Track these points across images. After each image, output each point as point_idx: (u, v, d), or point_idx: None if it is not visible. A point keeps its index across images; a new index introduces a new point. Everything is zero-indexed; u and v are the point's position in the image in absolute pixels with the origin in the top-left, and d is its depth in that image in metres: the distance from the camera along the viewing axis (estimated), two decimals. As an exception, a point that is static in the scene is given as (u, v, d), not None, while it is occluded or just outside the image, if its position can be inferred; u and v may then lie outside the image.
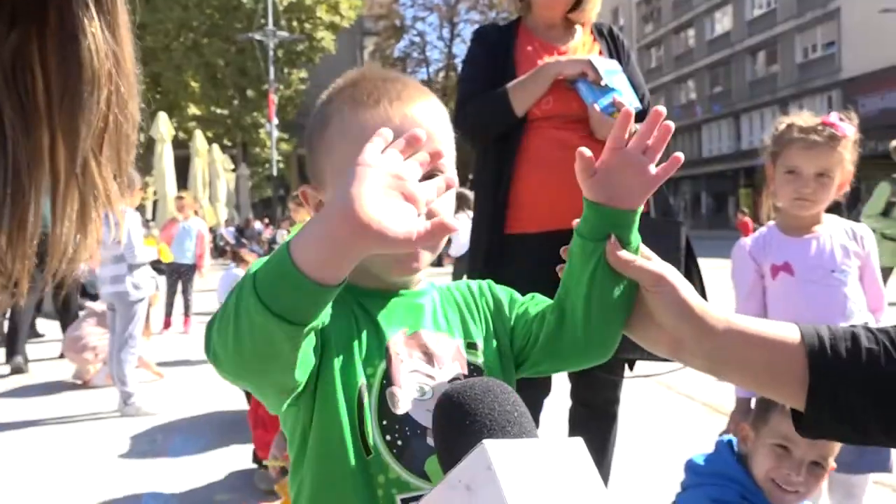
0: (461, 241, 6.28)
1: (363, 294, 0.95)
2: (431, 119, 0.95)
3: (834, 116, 1.98)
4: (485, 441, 0.62)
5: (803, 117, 2.01)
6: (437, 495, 0.64)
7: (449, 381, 0.90)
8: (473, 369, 0.95)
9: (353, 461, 0.87)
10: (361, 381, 0.89)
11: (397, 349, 0.91)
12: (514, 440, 0.67)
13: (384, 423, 0.88)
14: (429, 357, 0.93)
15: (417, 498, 0.83)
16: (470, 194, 6.30)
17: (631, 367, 2.29)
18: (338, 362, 0.88)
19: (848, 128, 1.97)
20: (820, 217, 2.02)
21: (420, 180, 0.86)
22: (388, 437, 0.87)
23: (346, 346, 0.90)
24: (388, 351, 0.91)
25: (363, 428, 0.87)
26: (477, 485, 0.61)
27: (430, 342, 0.94)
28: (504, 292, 1.06)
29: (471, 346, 0.98)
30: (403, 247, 0.70)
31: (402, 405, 0.88)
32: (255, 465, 3.29)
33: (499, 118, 2.13)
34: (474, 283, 1.06)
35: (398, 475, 0.86)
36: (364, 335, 0.91)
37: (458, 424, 0.70)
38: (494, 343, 1.00)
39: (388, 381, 0.89)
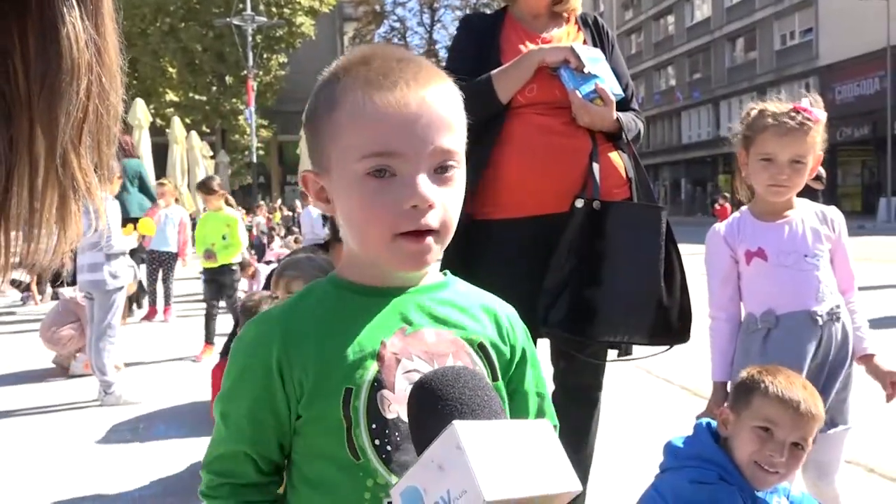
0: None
1: (359, 291, 0.92)
2: (447, 104, 0.89)
3: (806, 102, 2.01)
4: (455, 422, 0.65)
5: (775, 103, 2.03)
6: (411, 476, 0.66)
7: None
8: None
9: (340, 464, 0.86)
10: (349, 384, 0.87)
11: (394, 349, 0.89)
12: (483, 421, 0.69)
13: (373, 426, 0.86)
14: (430, 356, 0.90)
15: None
16: None
17: (628, 353, 2.31)
18: (320, 367, 0.87)
19: (820, 112, 1.99)
20: (792, 202, 2.05)
21: (434, 171, 0.86)
22: (377, 442, 0.86)
23: (330, 350, 0.88)
24: (381, 352, 0.88)
25: (351, 432, 0.86)
26: (448, 464, 0.63)
27: (432, 340, 0.91)
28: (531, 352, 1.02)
29: (481, 346, 0.94)
30: None
31: (394, 408, 0.87)
32: (238, 453, 3.28)
33: (483, 104, 2.15)
34: (513, 313, 1.02)
35: (386, 481, 0.85)
36: (352, 337, 0.89)
37: (431, 409, 0.71)
38: (506, 356, 0.97)
39: (379, 383, 0.87)
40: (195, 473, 3.51)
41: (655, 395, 4.36)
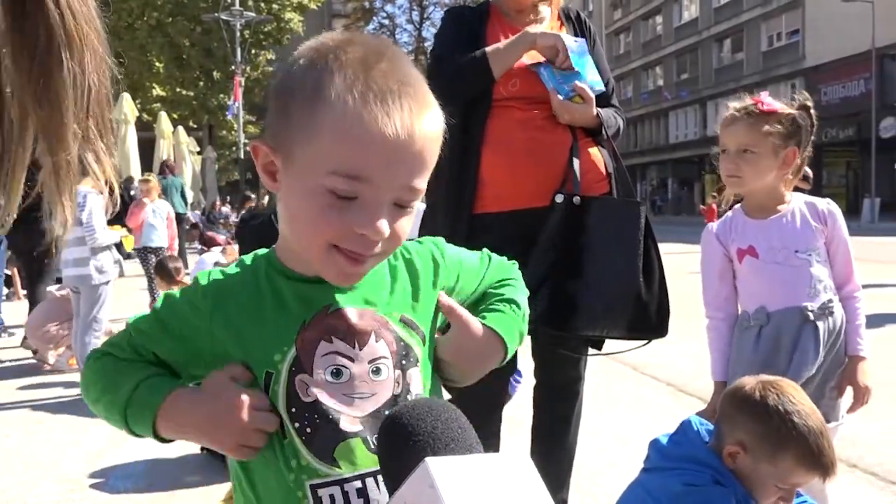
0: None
1: (287, 277, 0.92)
2: (432, 138, 0.84)
3: (763, 95, 2.03)
4: (427, 459, 0.62)
5: (742, 101, 2.06)
6: None
7: (369, 363, 0.90)
8: (403, 347, 0.92)
9: (271, 445, 0.88)
10: (269, 367, 0.88)
11: (313, 333, 0.89)
12: (457, 457, 0.65)
13: (293, 410, 0.87)
14: (351, 337, 0.89)
15: (327, 484, 0.86)
16: None
17: (599, 348, 2.33)
18: (243, 351, 0.89)
19: (774, 102, 2.00)
20: (783, 197, 2.03)
21: (395, 203, 0.83)
22: (296, 425, 0.87)
23: (253, 334, 0.89)
24: (300, 334, 0.88)
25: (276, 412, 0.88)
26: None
27: (354, 319, 0.90)
28: (463, 263, 1.09)
29: (408, 323, 0.93)
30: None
31: (311, 392, 0.87)
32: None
33: (477, 78, 2.15)
34: (438, 254, 1.04)
35: (308, 462, 0.87)
36: (274, 320, 0.89)
37: (401, 445, 0.69)
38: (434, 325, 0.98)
39: (297, 367, 0.88)
40: (182, 465, 3.51)
41: (640, 392, 4.39)
